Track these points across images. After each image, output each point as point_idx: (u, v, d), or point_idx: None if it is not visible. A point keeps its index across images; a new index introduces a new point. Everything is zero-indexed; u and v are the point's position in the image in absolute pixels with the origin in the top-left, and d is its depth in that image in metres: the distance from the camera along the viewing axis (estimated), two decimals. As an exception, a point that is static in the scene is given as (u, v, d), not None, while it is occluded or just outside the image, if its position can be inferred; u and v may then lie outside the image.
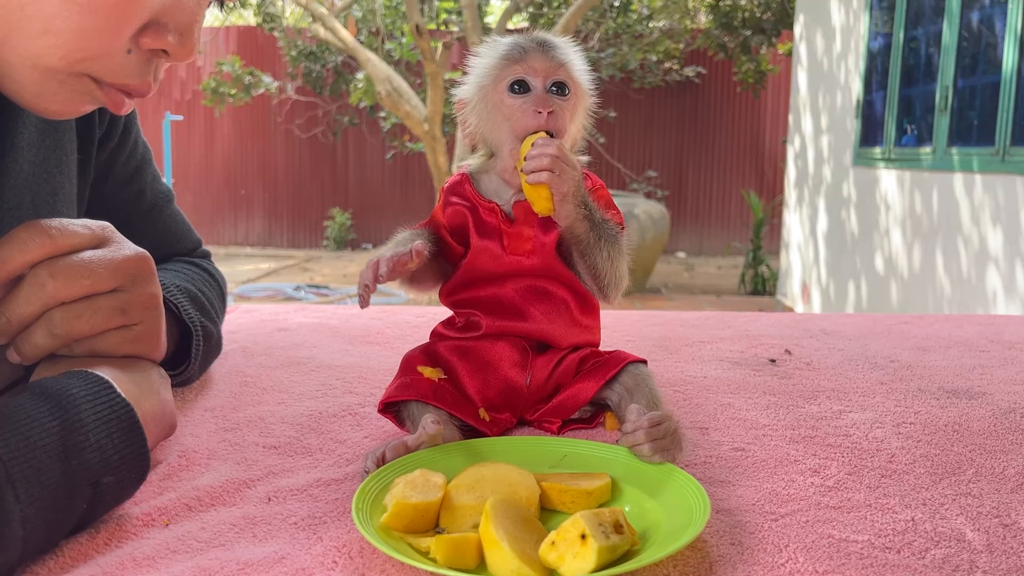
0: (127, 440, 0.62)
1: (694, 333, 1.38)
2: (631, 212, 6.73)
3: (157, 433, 0.70)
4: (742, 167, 9.69)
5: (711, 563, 0.58)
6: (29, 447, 0.55)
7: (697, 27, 9.34)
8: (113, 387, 0.63)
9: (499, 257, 0.86)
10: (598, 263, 0.84)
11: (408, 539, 0.60)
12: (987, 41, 4.01)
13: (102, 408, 0.61)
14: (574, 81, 0.86)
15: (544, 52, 0.86)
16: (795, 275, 6.45)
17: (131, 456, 0.62)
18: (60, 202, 0.85)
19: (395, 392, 0.82)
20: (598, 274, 0.85)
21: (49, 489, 0.55)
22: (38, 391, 0.60)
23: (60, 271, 0.65)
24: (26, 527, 0.53)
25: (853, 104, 5.44)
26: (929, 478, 0.75)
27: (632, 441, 0.72)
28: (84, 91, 0.67)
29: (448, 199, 0.89)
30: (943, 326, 1.46)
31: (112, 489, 0.61)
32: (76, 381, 0.62)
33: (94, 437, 0.59)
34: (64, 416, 0.59)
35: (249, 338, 1.28)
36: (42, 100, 0.67)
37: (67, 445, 0.57)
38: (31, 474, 0.54)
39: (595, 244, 0.83)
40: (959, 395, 1.03)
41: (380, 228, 9.89)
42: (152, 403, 0.69)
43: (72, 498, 0.57)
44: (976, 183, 3.90)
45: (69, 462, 0.57)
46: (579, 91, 0.87)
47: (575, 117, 0.87)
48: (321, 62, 9.09)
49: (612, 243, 0.84)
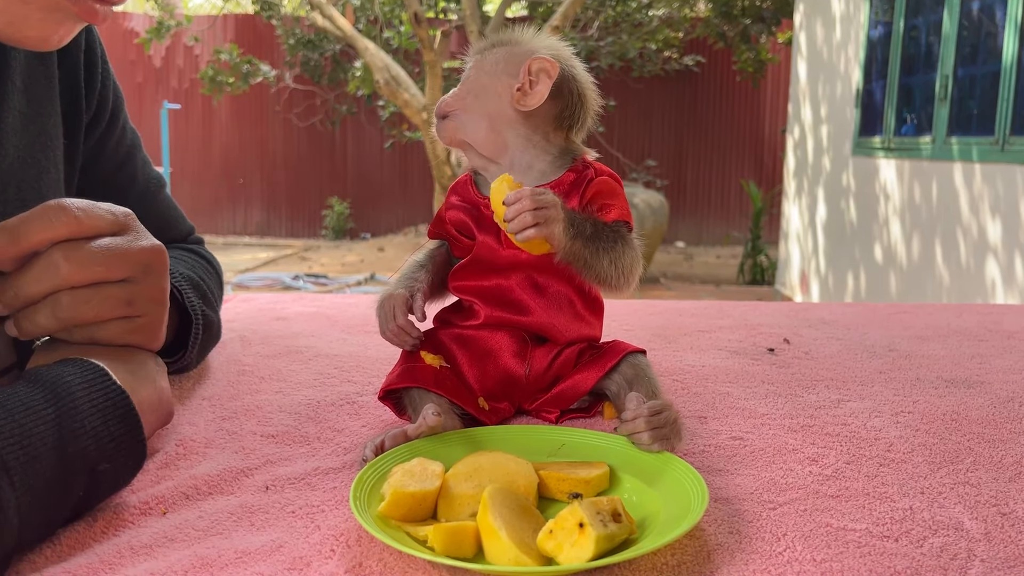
0: (123, 427, 0.62)
1: (693, 322, 1.38)
2: (630, 201, 6.70)
3: (154, 422, 0.70)
4: (741, 156, 9.68)
5: (709, 552, 0.58)
6: (24, 434, 0.55)
7: (696, 16, 9.31)
8: (109, 375, 0.63)
9: (497, 251, 0.86)
10: (600, 272, 0.82)
11: (406, 528, 0.60)
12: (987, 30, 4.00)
13: (98, 396, 0.61)
14: (475, 59, 0.89)
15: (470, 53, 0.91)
16: (794, 265, 6.45)
17: (127, 444, 0.62)
18: (46, 187, 0.85)
19: (397, 379, 0.82)
20: (604, 279, 0.83)
21: (45, 477, 0.55)
22: (33, 379, 0.60)
23: (75, 255, 0.65)
24: (21, 514, 0.53)
25: (853, 93, 5.43)
26: (927, 467, 0.75)
27: (631, 429, 0.72)
28: (53, 6, 0.67)
29: (450, 200, 0.90)
30: (942, 315, 1.46)
31: (108, 476, 0.61)
32: (72, 369, 0.62)
33: (90, 424, 0.59)
34: (60, 403, 0.58)
35: (247, 327, 1.28)
36: (17, 28, 0.67)
37: (63, 432, 0.57)
38: (26, 461, 0.54)
39: (594, 257, 0.81)
40: (957, 384, 1.03)
41: (379, 217, 9.89)
42: (148, 392, 0.69)
43: (68, 486, 0.57)
44: (976, 173, 3.90)
45: (65, 449, 0.57)
46: (477, 64, 0.88)
47: (476, 82, 0.87)
48: (319, 51, 9.06)
49: (612, 248, 0.82)
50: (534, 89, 0.85)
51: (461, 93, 0.88)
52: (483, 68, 0.88)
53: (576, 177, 0.86)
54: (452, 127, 0.87)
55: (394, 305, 0.84)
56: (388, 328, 0.84)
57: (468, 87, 0.88)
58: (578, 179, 0.86)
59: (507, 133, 0.86)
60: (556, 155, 0.88)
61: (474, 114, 0.86)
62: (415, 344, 0.85)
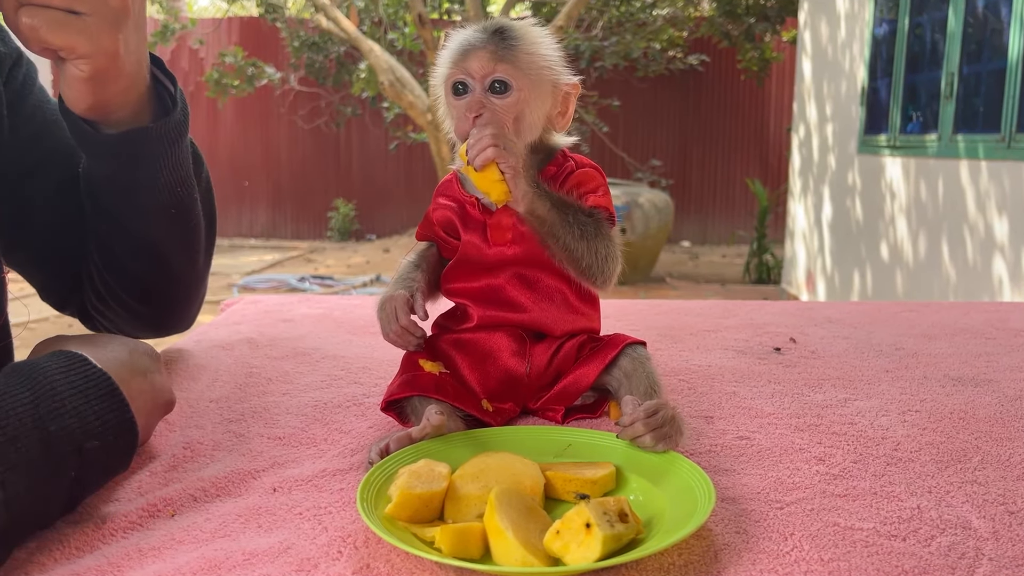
0: (108, 406, 0.63)
1: (698, 322, 1.37)
2: (635, 201, 6.72)
3: (151, 410, 0.71)
4: (746, 155, 9.65)
5: (716, 551, 0.58)
6: (0, 416, 0.56)
7: (700, 15, 9.29)
8: (88, 360, 0.64)
9: (483, 249, 0.86)
10: (570, 243, 0.81)
11: (413, 529, 0.60)
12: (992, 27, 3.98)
13: (76, 378, 0.62)
14: (518, 74, 0.82)
15: (486, 48, 0.82)
16: (800, 263, 6.43)
17: (115, 422, 0.63)
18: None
19: (398, 390, 0.82)
20: (574, 256, 0.81)
21: (27, 453, 0.56)
22: (8, 370, 0.62)
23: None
24: (7, 490, 0.54)
25: (858, 91, 5.42)
26: (935, 466, 0.75)
27: (632, 433, 0.72)
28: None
29: (437, 201, 0.91)
30: (949, 314, 1.45)
31: (99, 456, 0.62)
32: (50, 358, 0.64)
33: (71, 404, 0.60)
34: (35, 387, 0.60)
35: (254, 329, 1.28)
36: None
37: (40, 412, 0.58)
38: (4, 440, 0.55)
39: (561, 223, 0.80)
40: (965, 383, 1.02)
41: (384, 218, 9.89)
42: (139, 382, 0.70)
43: (58, 465, 0.58)
44: (982, 170, 3.88)
45: (46, 428, 0.58)
46: (525, 83, 0.83)
47: (525, 110, 0.83)
48: (324, 52, 9.06)
49: (584, 223, 0.81)
50: (567, 113, 0.87)
51: (509, 117, 0.82)
52: (531, 91, 0.83)
53: (556, 170, 0.87)
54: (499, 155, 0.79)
55: (395, 306, 0.84)
56: (391, 329, 0.84)
57: (516, 109, 0.82)
58: (558, 171, 0.86)
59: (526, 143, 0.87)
60: (541, 151, 0.89)
61: (520, 141, 0.82)
62: (419, 344, 0.85)
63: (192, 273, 0.99)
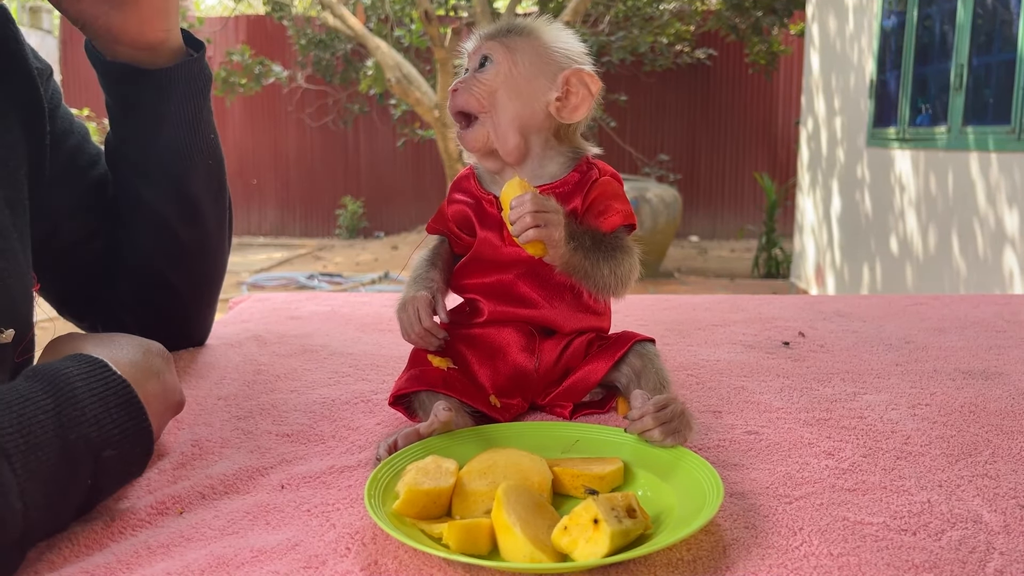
0: (126, 414, 0.63)
1: (707, 316, 1.37)
2: (643, 196, 6.71)
3: (163, 412, 0.71)
4: (755, 149, 9.62)
5: (725, 547, 0.58)
6: (23, 423, 0.56)
7: (708, 8, 9.26)
8: (108, 366, 0.64)
9: (499, 248, 0.86)
10: (599, 280, 0.83)
11: (421, 525, 0.60)
12: (1002, 18, 3.95)
13: (97, 385, 0.62)
14: (503, 50, 0.85)
15: (485, 34, 0.87)
16: (809, 258, 6.41)
17: (132, 430, 0.63)
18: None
19: (405, 384, 0.82)
20: (602, 287, 0.84)
21: (48, 462, 0.56)
22: (32, 374, 0.62)
23: None
24: (25, 500, 0.54)
25: (867, 84, 5.39)
26: (945, 459, 0.75)
27: (641, 427, 0.72)
28: None
29: (452, 196, 0.91)
30: (959, 307, 1.45)
31: (116, 464, 0.62)
32: (70, 362, 0.64)
33: (91, 412, 0.60)
34: (58, 393, 0.60)
35: (262, 326, 1.28)
36: None
37: (62, 420, 0.58)
38: (27, 448, 0.55)
39: (593, 268, 0.82)
40: (975, 376, 1.02)
41: (392, 216, 9.90)
42: (153, 384, 0.70)
43: (74, 473, 0.58)
44: (992, 162, 3.86)
45: (67, 436, 0.58)
46: (507, 58, 0.85)
47: (507, 84, 0.85)
48: (331, 50, 9.07)
49: (611, 258, 0.83)
50: (572, 102, 0.85)
51: (486, 88, 0.85)
52: (515, 65, 0.85)
53: (581, 177, 0.86)
54: (483, 135, 0.85)
55: (418, 307, 0.84)
56: (414, 331, 0.84)
57: (496, 81, 0.85)
58: (583, 179, 0.86)
59: (532, 138, 0.86)
60: (565, 155, 0.88)
61: (504, 118, 0.84)
62: (440, 345, 0.85)
63: (219, 258, 1.08)
